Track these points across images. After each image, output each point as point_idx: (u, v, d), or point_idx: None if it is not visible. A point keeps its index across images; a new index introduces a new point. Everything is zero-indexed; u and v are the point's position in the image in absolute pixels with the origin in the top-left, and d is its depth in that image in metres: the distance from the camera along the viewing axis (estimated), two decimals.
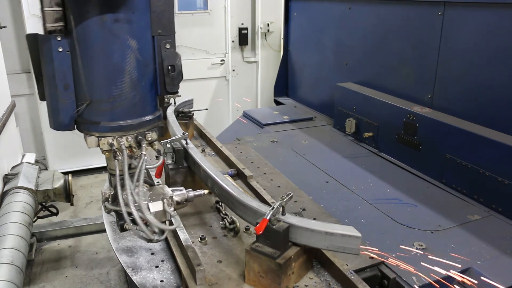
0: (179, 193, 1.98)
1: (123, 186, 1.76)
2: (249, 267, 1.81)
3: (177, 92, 1.98)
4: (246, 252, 1.81)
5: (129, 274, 1.94)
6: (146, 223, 1.74)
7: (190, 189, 2.03)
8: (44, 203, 3.84)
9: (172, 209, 1.89)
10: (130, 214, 1.73)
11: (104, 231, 2.33)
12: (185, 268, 1.86)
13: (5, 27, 4.76)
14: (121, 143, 1.82)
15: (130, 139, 1.85)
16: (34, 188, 3.63)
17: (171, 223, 1.90)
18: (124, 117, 1.83)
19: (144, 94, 1.87)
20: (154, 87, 1.92)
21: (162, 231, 1.82)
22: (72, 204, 3.96)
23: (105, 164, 2.02)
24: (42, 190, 3.71)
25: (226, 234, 2.21)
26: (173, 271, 1.95)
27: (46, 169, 5.65)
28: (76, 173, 5.68)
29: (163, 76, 1.91)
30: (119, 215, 1.84)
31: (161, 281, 1.89)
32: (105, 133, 1.83)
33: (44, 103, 1.87)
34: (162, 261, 2.03)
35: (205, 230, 2.25)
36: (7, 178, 3.70)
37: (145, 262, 2.02)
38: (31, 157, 4.43)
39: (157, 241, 1.81)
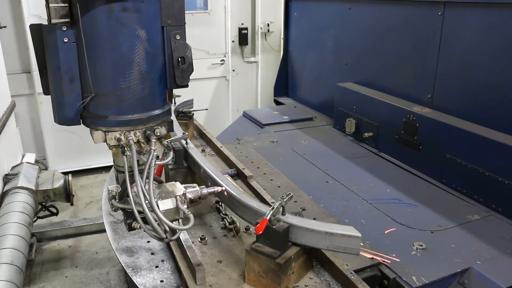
0: (192, 190, 1.90)
1: (131, 183, 1.71)
2: (249, 267, 1.81)
3: (187, 86, 1.90)
4: (246, 252, 1.81)
5: (129, 274, 1.94)
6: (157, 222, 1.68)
7: (203, 186, 1.96)
8: (44, 203, 3.85)
9: (186, 206, 1.82)
10: (139, 212, 1.67)
11: (104, 231, 2.33)
12: (185, 268, 1.86)
13: (5, 27, 4.76)
14: (129, 138, 1.76)
15: (138, 134, 1.79)
16: (34, 188, 3.63)
17: (184, 223, 1.79)
18: (132, 111, 1.77)
19: (153, 87, 1.81)
20: (163, 80, 1.86)
21: (174, 230, 1.75)
22: (72, 204, 3.96)
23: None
24: (42, 190, 3.71)
25: (226, 234, 2.21)
26: (173, 271, 1.95)
27: (46, 169, 5.65)
28: (76, 173, 5.66)
29: (173, 69, 1.84)
30: (127, 213, 1.80)
31: (161, 281, 1.89)
32: (112, 127, 1.77)
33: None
34: (162, 261, 2.03)
35: (205, 230, 2.25)
36: (7, 178, 3.71)
37: (145, 262, 2.02)
38: (31, 157, 4.43)
39: (169, 240, 1.74)
